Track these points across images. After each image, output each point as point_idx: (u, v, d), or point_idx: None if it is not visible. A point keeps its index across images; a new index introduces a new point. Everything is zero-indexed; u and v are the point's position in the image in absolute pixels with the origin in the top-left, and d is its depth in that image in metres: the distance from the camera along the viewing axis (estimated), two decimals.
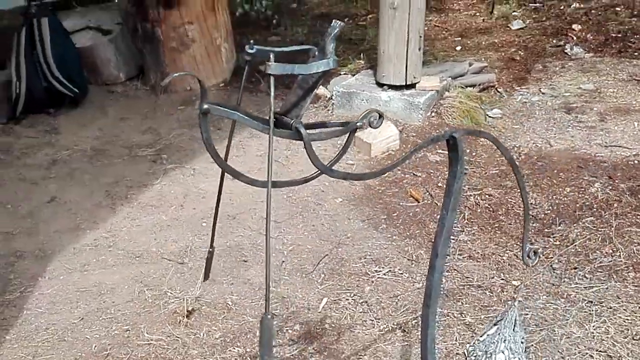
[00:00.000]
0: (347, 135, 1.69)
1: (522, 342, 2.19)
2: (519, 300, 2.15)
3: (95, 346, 2.82)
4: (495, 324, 2.18)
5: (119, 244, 3.57)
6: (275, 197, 3.79)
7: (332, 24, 1.57)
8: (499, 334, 2.15)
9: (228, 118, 1.58)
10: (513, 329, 2.17)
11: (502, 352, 2.15)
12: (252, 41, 1.58)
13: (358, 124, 1.68)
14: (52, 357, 2.76)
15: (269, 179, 1.47)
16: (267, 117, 1.53)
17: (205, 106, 1.47)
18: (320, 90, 5.12)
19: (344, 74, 5.52)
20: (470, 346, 2.23)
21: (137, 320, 2.96)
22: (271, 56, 1.47)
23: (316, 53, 1.62)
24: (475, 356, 2.18)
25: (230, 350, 2.76)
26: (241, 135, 4.75)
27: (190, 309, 2.97)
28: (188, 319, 2.93)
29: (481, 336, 2.20)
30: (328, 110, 4.96)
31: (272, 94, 1.48)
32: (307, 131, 1.58)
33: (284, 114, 1.64)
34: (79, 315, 3.02)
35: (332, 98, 4.99)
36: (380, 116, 1.70)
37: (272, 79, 1.48)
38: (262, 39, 6.68)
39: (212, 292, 3.12)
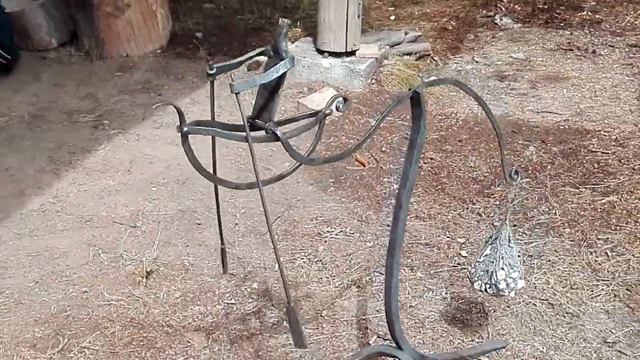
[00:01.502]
0: (318, 123, 1.87)
1: (518, 256, 2.31)
2: (509, 219, 2.29)
3: (54, 308, 2.82)
4: (490, 244, 2.30)
5: (67, 209, 3.54)
6: (225, 164, 3.83)
7: (279, 23, 1.69)
8: (496, 252, 2.27)
9: (207, 134, 1.78)
10: (509, 245, 2.29)
11: (502, 269, 2.28)
12: (211, 62, 1.70)
13: (326, 111, 1.85)
14: (10, 319, 2.76)
15: (259, 183, 1.78)
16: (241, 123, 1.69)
17: (185, 129, 1.62)
18: (262, 58, 5.14)
19: None
20: (472, 268, 2.36)
21: (95, 282, 2.97)
22: (231, 77, 1.62)
23: (271, 53, 1.72)
24: (478, 276, 2.30)
25: (191, 309, 2.82)
26: (181, 102, 4.74)
27: (148, 270, 3.00)
28: (147, 279, 2.96)
29: (480, 258, 2.32)
30: None
31: (242, 111, 1.65)
32: (281, 130, 1.76)
33: (257, 117, 1.78)
34: (33, 278, 3.01)
35: None
36: (345, 100, 1.84)
37: (238, 96, 1.61)
38: (196, 7, 6.63)
39: (168, 254, 3.15)
